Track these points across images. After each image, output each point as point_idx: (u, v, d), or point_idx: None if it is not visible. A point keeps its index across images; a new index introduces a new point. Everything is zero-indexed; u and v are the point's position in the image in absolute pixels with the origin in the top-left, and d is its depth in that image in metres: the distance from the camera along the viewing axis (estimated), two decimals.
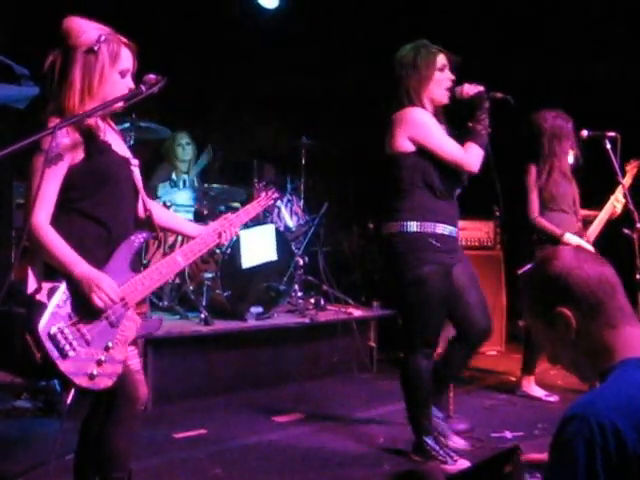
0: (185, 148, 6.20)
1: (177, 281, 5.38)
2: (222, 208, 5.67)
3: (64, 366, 2.16)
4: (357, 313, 5.62)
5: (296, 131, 6.26)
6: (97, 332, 2.25)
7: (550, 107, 4.56)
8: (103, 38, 2.34)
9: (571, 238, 4.30)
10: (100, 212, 2.35)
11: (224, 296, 5.01)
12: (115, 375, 2.28)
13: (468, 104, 3.40)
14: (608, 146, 4.22)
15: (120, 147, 2.49)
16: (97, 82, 2.33)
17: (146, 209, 2.55)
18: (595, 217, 4.52)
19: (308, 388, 5.00)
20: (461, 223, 4.42)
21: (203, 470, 3.38)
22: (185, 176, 6.18)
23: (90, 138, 2.32)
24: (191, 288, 5.24)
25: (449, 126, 3.50)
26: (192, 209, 5.72)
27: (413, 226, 3.34)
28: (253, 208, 2.85)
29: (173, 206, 5.47)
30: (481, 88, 3.39)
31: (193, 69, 6.37)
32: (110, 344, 2.27)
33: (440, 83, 3.40)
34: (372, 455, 3.63)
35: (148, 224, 2.53)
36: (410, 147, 3.35)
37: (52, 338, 2.15)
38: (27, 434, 3.76)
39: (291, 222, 5.83)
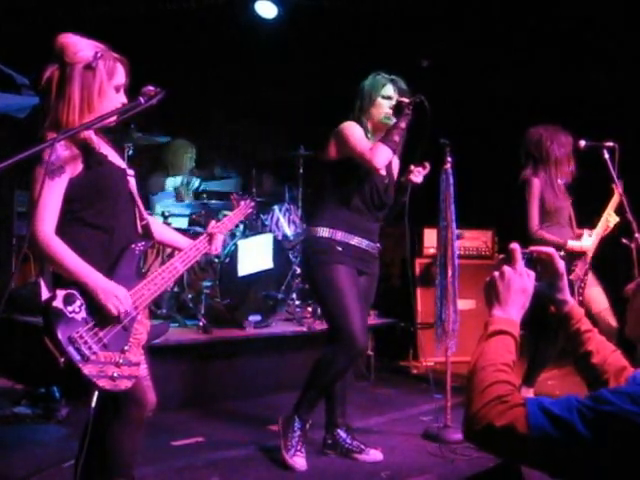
0: (187, 160, 6.30)
1: (176, 289, 5.40)
2: (220, 217, 5.70)
3: (87, 369, 2.21)
4: None
5: (294, 140, 6.28)
6: (112, 336, 2.31)
7: (550, 121, 4.59)
8: (99, 54, 2.39)
9: (575, 244, 4.35)
10: (102, 220, 2.40)
11: (223, 304, 5.03)
12: (133, 377, 2.34)
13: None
14: (606, 156, 4.25)
15: (116, 158, 2.54)
16: (96, 98, 2.38)
17: (142, 218, 2.59)
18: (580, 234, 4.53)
19: None
20: (459, 232, 4.48)
21: (201, 478, 3.39)
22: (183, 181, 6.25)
23: (87, 150, 2.37)
24: (190, 296, 5.25)
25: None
26: (187, 218, 5.76)
27: (323, 232, 3.60)
28: (236, 216, 3.00)
29: (170, 216, 5.51)
30: (402, 99, 3.62)
31: (191, 79, 6.40)
32: (126, 347, 2.34)
33: (380, 108, 3.66)
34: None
35: (145, 233, 2.57)
36: (336, 154, 3.64)
37: (73, 343, 2.19)
38: (26, 441, 3.77)
39: (289, 231, 5.84)
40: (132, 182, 2.56)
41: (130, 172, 2.57)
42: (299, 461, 3.53)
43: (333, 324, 3.61)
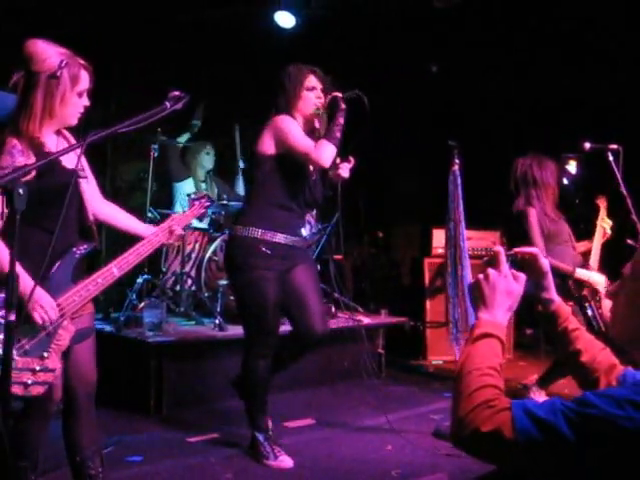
0: (205, 158, 6.41)
1: (193, 288, 5.53)
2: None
3: None
4: (366, 321, 5.70)
5: None
6: (35, 342, 2.34)
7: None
8: (64, 63, 2.44)
9: (583, 273, 4.38)
10: (45, 222, 2.44)
11: None
12: (47, 383, 2.36)
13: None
14: (611, 159, 4.28)
15: (70, 160, 2.53)
16: (58, 105, 2.46)
17: (88, 221, 2.62)
18: (588, 248, 4.59)
19: (318, 394, 5.06)
20: (467, 233, 4.52)
21: (214, 474, 3.45)
22: (202, 184, 6.35)
23: (41, 155, 2.41)
24: (206, 295, 5.38)
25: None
26: (208, 218, 5.85)
27: (250, 231, 3.50)
28: (186, 217, 2.99)
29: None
30: (336, 93, 3.55)
31: (207, 83, 6.46)
32: (45, 354, 2.36)
33: (307, 101, 3.59)
34: (380, 461, 3.67)
35: (89, 236, 2.60)
36: (272, 150, 3.52)
37: None
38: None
39: (304, 231, 5.90)
40: (83, 184, 2.58)
41: (83, 174, 2.60)
42: (283, 459, 3.58)
43: (247, 327, 3.67)
